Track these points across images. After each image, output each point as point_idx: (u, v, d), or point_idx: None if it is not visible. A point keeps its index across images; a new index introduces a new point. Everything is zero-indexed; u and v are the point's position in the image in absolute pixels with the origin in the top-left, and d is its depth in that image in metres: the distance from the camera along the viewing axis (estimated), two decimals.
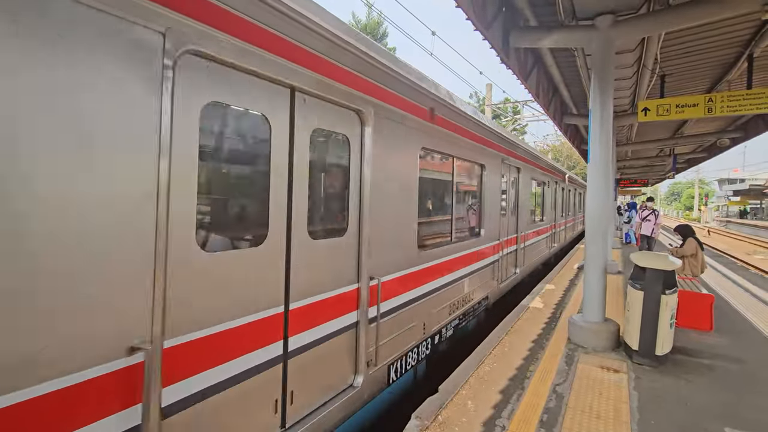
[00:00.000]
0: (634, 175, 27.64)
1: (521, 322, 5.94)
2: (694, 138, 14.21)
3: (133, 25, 1.74)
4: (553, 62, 7.68)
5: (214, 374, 2.16)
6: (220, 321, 2.18)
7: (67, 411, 1.57)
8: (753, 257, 16.10)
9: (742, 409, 3.59)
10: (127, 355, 1.75)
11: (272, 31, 2.41)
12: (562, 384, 3.97)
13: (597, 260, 5.04)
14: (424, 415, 3.33)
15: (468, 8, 4.78)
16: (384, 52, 3.55)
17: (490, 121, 6.82)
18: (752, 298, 8.12)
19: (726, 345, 5.27)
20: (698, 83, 9.06)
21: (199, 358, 2.08)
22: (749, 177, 62.21)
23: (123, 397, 1.76)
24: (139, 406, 1.81)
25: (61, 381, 1.55)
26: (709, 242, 22.06)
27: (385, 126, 3.57)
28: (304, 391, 2.79)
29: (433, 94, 4.44)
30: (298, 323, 2.71)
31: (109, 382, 1.70)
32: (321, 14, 2.75)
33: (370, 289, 3.36)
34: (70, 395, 1.58)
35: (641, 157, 20.41)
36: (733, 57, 7.43)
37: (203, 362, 2.11)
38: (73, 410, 1.59)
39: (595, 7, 5.00)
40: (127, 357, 1.75)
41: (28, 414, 1.47)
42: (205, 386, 2.12)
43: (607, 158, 5.13)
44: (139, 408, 1.81)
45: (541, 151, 30.63)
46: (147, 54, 1.79)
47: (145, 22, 1.77)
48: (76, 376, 1.59)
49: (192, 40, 1.96)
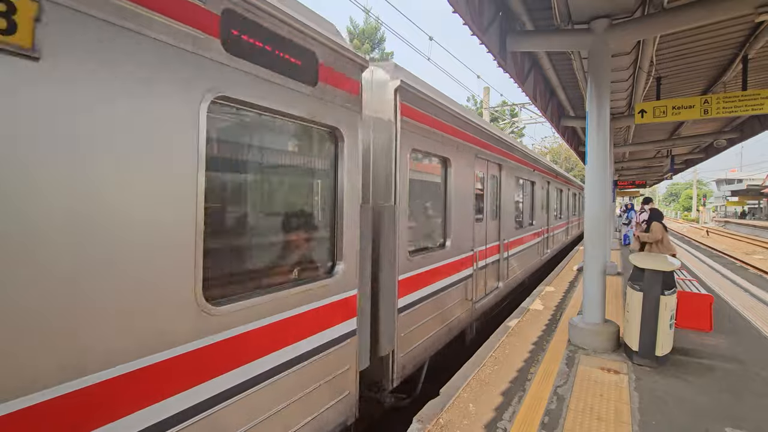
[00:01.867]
0: (632, 176, 27.72)
1: (521, 324, 5.95)
2: (692, 139, 14.28)
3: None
4: (549, 65, 7.74)
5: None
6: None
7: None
8: (752, 257, 16.14)
9: (742, 410, 3.60)
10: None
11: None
12: (563, 386, 3.98)
13: (596, 262, 5.06)
14: (425, 419, 3.33)
15: (465, 13, 4.82)
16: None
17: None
18: (752, 299, 8.14)
19: (726, 345, 5.28)
20: (694, 85, 9.13)
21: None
22: (747, 177, 62.44)
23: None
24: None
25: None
26: (708, 242, 22.10)
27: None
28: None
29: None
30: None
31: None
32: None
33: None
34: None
35: (639, 158, 20.49)
36: (728, 59, 7.50)
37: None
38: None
39: (591, 11, 5.05)
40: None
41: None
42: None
43: (605, 160, 5.17)
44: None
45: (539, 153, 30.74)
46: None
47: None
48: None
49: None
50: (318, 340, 2.79)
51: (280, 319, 2.49)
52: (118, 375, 1.67)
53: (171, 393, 1.87)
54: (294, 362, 2.58)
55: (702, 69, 8.12)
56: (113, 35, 1.64)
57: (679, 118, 7.51)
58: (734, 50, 7.09)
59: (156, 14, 1.79)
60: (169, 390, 1.86)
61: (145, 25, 1.75)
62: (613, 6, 4.95)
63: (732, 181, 65.72)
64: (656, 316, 4.43)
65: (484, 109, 21.29)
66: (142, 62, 1.75)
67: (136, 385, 1.73)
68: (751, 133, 12.32)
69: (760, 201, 53.14)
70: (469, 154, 5.65)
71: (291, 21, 2.51)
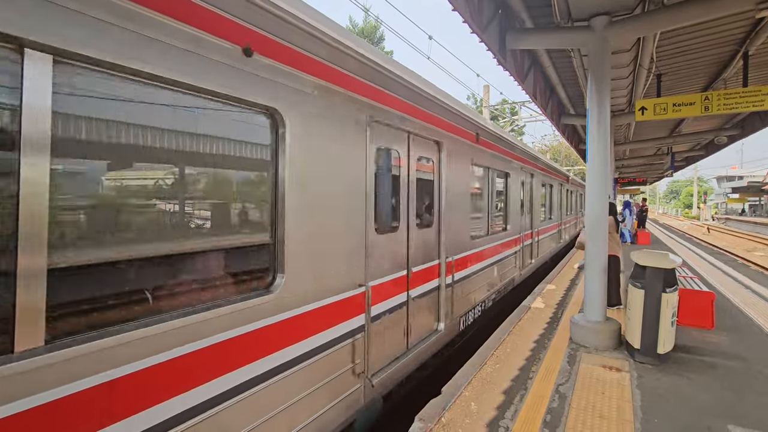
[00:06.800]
0: (632, 174, 27.71)
1: (523, 323, 5.94)
2: (692, 136, 14.28)
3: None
4: (549, 63, 7.72)
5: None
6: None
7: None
8: (753, 254, 16.12)
9: (745, 407, 3.59)
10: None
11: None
12: (565, 384, 3.97)
13: (597, 259, 5.05)
14: (427, 417, 3.33)
15: (464, 11, 4.82)
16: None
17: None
18: (753, 296, 8.13)
19: (728, 342, 5.27)
20: (694, 82, 9.12)
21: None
22: (747, 174, 62.37)
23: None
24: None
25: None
26: (709, 240, 22.07)
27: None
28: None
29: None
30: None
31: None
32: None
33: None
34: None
35: (639, 156, 20.48)
36: (728, 55, 7.48)
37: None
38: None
39: (591, 9, 5.04)
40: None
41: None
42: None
43: (606, 158, 5.16)
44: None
45: (540, 151, 30.70)
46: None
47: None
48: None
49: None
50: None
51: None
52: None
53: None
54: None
55: (702, 66, 8.11)
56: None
57: (680, 115, 7.50)
58: (735, 47, 7.07)
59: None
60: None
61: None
62: (612, 3, 4.94)
63: (733, 178, 65.67)
64: (658, 313, 4.42)
65: (484, 107, 21.26)
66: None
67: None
68: (752, 129, 12.31)
69: (760, 198, 53.08)
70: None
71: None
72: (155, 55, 1.93)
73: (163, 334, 1.95)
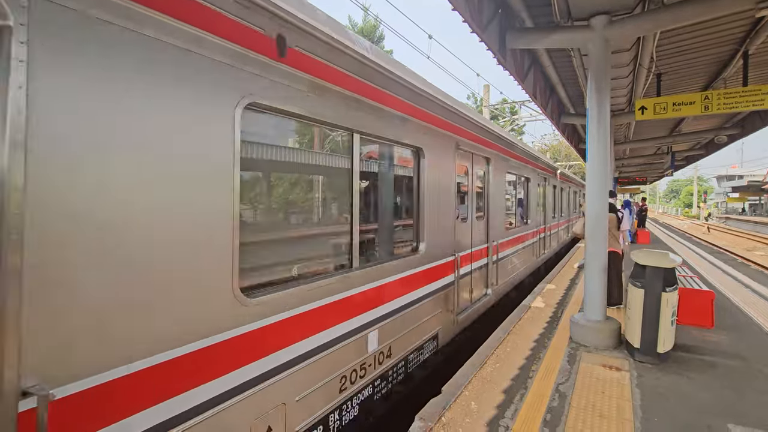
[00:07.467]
0: (632, 173, 27.71)
1: (523, 322, 5.95)
2: (692, 135, 14.27)
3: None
4: (549, 63, 7.72)
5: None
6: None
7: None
8: (753, 253, 16.11)
9: (745, 406, 3.59)
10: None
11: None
12: (565, 383, 3.98)
13: (597, 259, 5.06)
14: (427, 417, 3.33)
15: (464, 11, 4.82)
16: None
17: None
18: (753, 295, 8.14)
19: (728, 342, 5.27)
20: (694, 81, 9.11)
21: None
22: (747, 173, 62.36)
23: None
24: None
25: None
26: (709, 239, 22.08)
27: None
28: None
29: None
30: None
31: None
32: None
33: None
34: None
35: (639, 155, 20.48)
36: (728, 54, 7.48)
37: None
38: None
39: (590, 8, 5.04)
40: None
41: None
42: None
43: (606, 157, 5.16)
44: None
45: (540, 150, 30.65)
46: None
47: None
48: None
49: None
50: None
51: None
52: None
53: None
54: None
55: (702, 65, 8.10)
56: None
57: (680, 115, 7.51)
58: (735, 46, 7.07)
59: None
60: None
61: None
62: (612, 2, 4.94)
63: (733, 177, 65.70)
64: (658, 312, 4.42)
65: (484, 107, 21.26)
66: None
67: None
68: (752, 129, 12.31)
69: (760, 197, 53.05)
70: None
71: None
72: (394, 129, 3.93)
73: (379, 269, 3.72)
